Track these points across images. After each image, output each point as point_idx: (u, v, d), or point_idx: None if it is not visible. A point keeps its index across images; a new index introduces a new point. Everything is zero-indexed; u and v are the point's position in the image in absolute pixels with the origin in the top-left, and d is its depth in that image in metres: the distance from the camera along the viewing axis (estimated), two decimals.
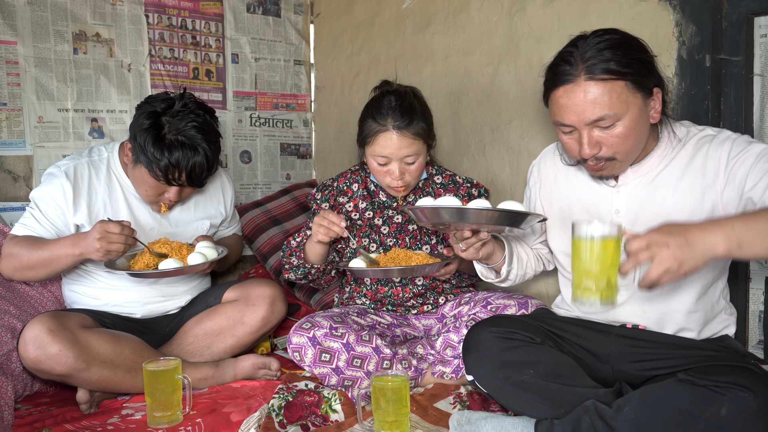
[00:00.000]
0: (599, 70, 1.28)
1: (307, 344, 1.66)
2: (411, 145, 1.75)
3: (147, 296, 1.92)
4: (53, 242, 1.73)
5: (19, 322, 1.81)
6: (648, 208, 1.41)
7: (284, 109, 2.92)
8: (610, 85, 1.28)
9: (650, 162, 1.42)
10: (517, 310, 1.73)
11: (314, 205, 1.95)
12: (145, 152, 1.72)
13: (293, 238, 1.91)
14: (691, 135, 1.41)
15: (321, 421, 1.56)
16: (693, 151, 1.38)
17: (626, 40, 1.33)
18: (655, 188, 1.41)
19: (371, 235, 1.90)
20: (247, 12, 2.78)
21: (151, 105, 1.76)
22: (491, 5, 2.19)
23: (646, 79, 1.31)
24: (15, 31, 2.27)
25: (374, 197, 1.94)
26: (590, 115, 1.30)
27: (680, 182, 1.38)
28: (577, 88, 1.30)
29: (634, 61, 1.30)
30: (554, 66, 1.37)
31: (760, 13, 1.63)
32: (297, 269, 1.88)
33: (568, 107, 1.32)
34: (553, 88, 1.36)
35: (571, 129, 1.35)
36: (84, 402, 1.63)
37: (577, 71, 1.30)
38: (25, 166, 2.31)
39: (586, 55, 1.30)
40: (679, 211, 1.37)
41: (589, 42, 1.32)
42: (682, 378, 1.24)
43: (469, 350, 1.47)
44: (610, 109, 1.28)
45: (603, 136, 1.32)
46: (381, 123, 1.75)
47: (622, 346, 1.43)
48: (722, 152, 1.33)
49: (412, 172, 1.80)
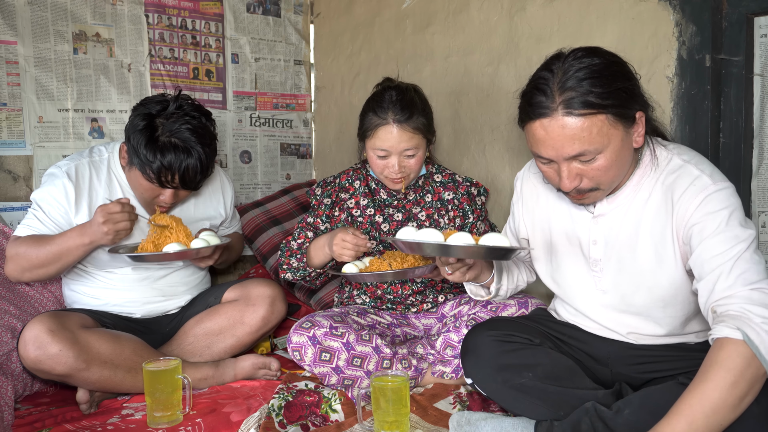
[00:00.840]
0: (578, 104, 1.18)
1: (307, 343, 1.66)
2: (411, 139, 1.77)
3: (147, 296, 1.92)
4: (59, 236, 1.73)
5: (19, 322, 1.81)
6: (625, 243, 1.35)
7: (284, 109, 2.92)
8: (589, 120, 1.19)
9: (625, 193, 1.34)
10: (517, 309, 1.73)
11: (314, 200, 1.96)
12: (138, 154, 1.71)
13: (293, 239, 1.91)
14: (672, 165, 1.30)
15: (321, 421, 1.56)
16: (670, 185, 1.29)
17: (607, 65, 1.22)
18: (630, 220, 1.34)
19: (371, 232, 1.92)
20: (247, 12, 2.78)
21: (146, 107, 1.75)
22: (491, 5, 2.19)
23: (628, 108, 1.22)
24: (15, 31, 2.27)
25: (375, 195, 1.95)
26: (569, 150, 1.22)
27: (654, 217, 1.31)
28: (554, 123, 1.21)
29: (615, 91, 1.20)
30: (528, 95, 1.26)
31: (760, 13, 1.63)
32: (296, 271, 1.88)
33: (545, 141, 1.24)
34: (527, 120, 1.27)
35: (550, 161, 1.28)
36: (84, 402, 1.63)
37: (553, 104, 1.20)
38: (25, 166, 2.31)
39: (565, 85, 1.20)
40: (652, 245, 1.31)
41: (567, 68, 1.21)
42: (683, 381, 1.23)
43: (468, 354, 1.47)
44: (590, 145, 1.20)
45: (584, 168, 1.25)
46: (382, 116, 1.77)
47: (620, 348, 1.43)
48: (690, 206, 1.24)
49: (411, 166, 1.82)
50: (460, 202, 1.95)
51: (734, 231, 1.18)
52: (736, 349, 1.06)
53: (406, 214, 1.93)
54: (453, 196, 1.96)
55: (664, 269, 1.31)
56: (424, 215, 1.93)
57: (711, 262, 1.18)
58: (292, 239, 1.92)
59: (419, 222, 1.92)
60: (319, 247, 1.81)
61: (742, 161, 1.66)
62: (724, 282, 1.15)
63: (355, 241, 1.69)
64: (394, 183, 1.85)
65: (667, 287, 1.32)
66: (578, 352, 1.46)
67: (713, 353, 1.09)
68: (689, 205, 1.24)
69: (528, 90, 1.28)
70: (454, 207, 1.95)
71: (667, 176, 1.30)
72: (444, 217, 1.93)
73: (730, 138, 1.68)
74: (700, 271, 1.20)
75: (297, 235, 1.92)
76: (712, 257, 1.18)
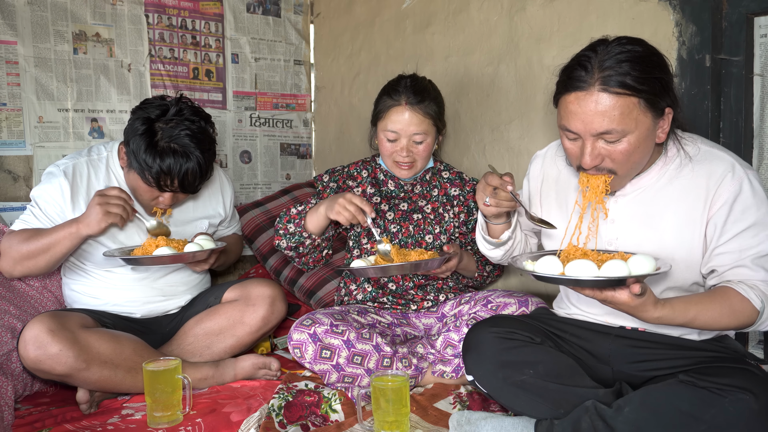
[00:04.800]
0: (614, 83, 1.24)
1: (307, 341, 1.66)
2: (421, 123, 1.83)
3: (147, 295, 1.92)
4: (52, 229, 1.74)
5: (19, 322, 1.80)
6: (644, 224, 1.39)
7: (284, 109, 2.92)
8: (622, 100, 1.24)
9: (650, 176, 1.39)
10: (518, 308, 1.73)
11: (320, 186, 2.00)
12: (137, 158, 1.71)
13: (294, 207, 1.93)
14: (701, 152, 1.36)
15: (321, 421, 1.56)
16: (700, 170, 1.34)
17: (648, 55, 1.28)
18: (653, 204, 1.38)
19: (376, 220, 1.94)
20: (247, 12, 2.78)
21: (145, 110, 1.75)
22: (491, 5, 2.19)
23: (660, 99, 1.27)
24: (15, 31, 2.27)
25: (382, 186, 1.98)
26: (597, 126, 1.26)
27: (681, 201, 1.35)
28: (589, 97, 1.26)
29: (651, 79, 1.25)
30: (569, 69, 1.31)
31: (760, 13, 1.63)
32: (291, 236, 1.89)
33: (576, 114, 1.28)
34: (564, 92, 1.31)
35: (576, 136, 1.31)
36: (84, 402, 1.63)
37: (592, 79, 1.25)
38: (25, 166, 2.31)
39: (604, 63, 1.25)
40: (676, 228, 1.35)
41: (610, 50, 1.27)
42: (683, 379, 1.24)
43: (469, 350, 1.47)
44: (618, 124, 1.25)
45: (607, 149, 1.29)
46: (395, 98, 1.85)
47: (621, 346, 1.43)
48: (730, 192, 1.30)
49: (419, 152, 1.87)
50: (466, 198, 1.99)
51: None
52: (746, 303, 1.26)
53: (412, 205, 1.97)
54: (459, 192, 1.99)
55: (681, 251, 1.35)
56: (430, 208, 1.97)
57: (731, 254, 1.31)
58: (293, 207, 1.94)
59: (424, 214, 1.93)
60: (317, 211, 1.83)
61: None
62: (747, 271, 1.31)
63: (362, 204, 1.71)
64: (401, 169, 1.89)
65: (683, 269, 1.36)
66: (579, 351, 1.47)
67: (729, 292, 1.28)
68: (729, 194, 1.31)
69: (570, 65, 1.33)
70: (460, 203, 1.98)
71: (700, 163, 1.35)
72: (449, 212, 1.97)
73: (730, 138, 1.68)
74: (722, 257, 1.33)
75: (298, 204, 1.94)
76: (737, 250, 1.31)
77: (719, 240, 1.32)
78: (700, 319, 1.26)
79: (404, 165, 1.88)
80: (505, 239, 1.55)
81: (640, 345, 1.42)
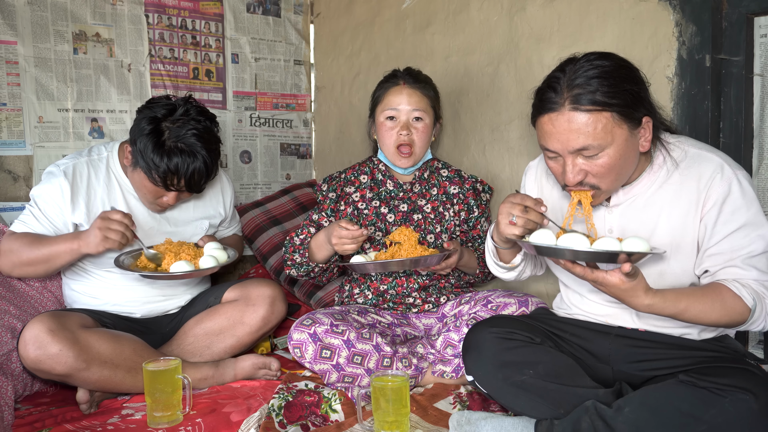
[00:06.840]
0: (585, 101, 1.25)
1: (307, 340, 1.66)
2: (420, 101, 1.88)
3: (147, 295, 1.92)
4: (54, 239, 1.74)
5: (19, 322, 1.81)
6: (640, 230, 1.40)
7: (284, 109, 2.92)
8: (595, 115, 1.25)
9: (641, 184, 1.39)
10: (518, 308, 1.73)
11: (320, 196, 2.00)
12: (144, 158, 1.72)
13: (296, 235, 1.94)
14: (689, 156, 1.37)
15: (321, 421, 1.56)
16: (689, 174, 1.35)
17: (616, 69, 1.28)
18: (647, 210, 1.39)
19: (377, 223, 1.94)
20: (247, 12, 2.78)
21: (151, 110, 1.76)
22: (491, 5, 2.19)
23: (633, 110, 1.28)
24: (15, 31, 2.27)
25: (381, 186, 1.98)
26: (574, 143, 1.28)
27: (673, 206, 1.36)
28: (561, 117, 1.28)
29: (621, 92, 1.26)
30: (541, 92, 1.35)
31: (760, 13, 1.63)
32: (300, 267, 1.90)
33: (552, 134, 1.30)
34: (538, 115, 1.34)
35: (556, 155, 1.34)
36: (84, 402, 1.63)
37: (562, 99, 1.27)
38: (25, 166, 2.31)
39: (573, 82, 1.27)
40: (670, 233, 1.37)
41: (578, 68, 1.28)
42: (683, 379, 1.24)
43: (469, 350, 1.47)
44: (594, 140, 1.26)
45: (587, 164, 1.30)
46: (393, 81, 1.93)
47: (621, 346, 1.43)
48: (719, 194, 1.31)
49: (418, 131, 1.89)
50: (466, 196, 1.99)
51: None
52: (738, 300, 1.27)
53: (411, 205, 1.96)
54: (459, 190, 1.99)
55: (678, 256, 1.36)
56: (430, 207, 1.96)
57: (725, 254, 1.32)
58: (295, 235, 1.95)
59: (424, 214, 1.93)
60: (319, 243, 1.83)
61: (742, 161, 1.66)
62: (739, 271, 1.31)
63: (350, 234, 1.70)
64: (402, 156, 1.89)
65: (680, 274, 1.37)
66: (579, 350, 1.47)
67: (722, 288, 1.29)
68: (718, 195, 1.31)
69: (541, 87, 1.36)
70: (460, 201, 1.98)
71: (688, 166, 1.36)
72: (449, 211, 1.96)
73: (730, 138, 1.68)
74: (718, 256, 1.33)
75: (300, 231, 1.94)
76: (730, 250, 1.31)
77: (710, 241, 1.33)
78: (690, 311, 1.27)
79: (404, 149, 1.88)
80: (518, 263, 1.56)
81: (639, 345, 1.42)
